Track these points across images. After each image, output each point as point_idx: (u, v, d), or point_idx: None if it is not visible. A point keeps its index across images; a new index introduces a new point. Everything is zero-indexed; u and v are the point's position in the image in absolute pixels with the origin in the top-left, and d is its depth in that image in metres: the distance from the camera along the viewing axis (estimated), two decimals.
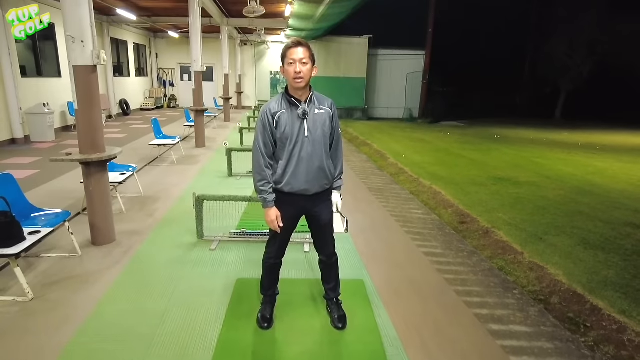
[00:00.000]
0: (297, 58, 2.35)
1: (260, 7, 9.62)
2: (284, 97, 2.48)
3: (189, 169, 7.49)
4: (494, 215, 6.16)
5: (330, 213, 2.72)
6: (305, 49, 2.39)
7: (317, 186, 2.54)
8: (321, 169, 2.51)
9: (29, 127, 9.95)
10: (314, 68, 2.46)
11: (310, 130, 2.44)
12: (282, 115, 2.43)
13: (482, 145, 12.70)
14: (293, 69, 2.36)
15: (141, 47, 19.10)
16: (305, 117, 2.43)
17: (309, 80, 2.43)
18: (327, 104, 2.55)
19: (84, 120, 3.74)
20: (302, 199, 2.55)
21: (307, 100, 2.46)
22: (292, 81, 2.40)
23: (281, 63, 2.47)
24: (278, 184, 2.53)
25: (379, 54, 20.83)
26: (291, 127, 2.42)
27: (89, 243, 4.09)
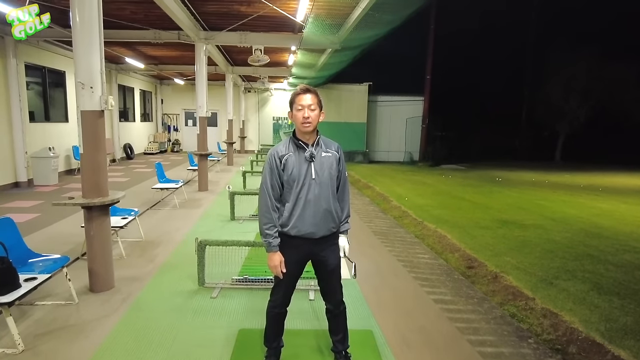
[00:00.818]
0: (306, 104, 2.41)
1: (264, 56, 9.92)
2: (292, 141, 2.52)
3: (191, 213, 7.42)
4: (501, 259, 6.01)
5: (338, 258, 2.65)
6: (314, 96, 2.45)
7: (324, 229, 2.51)
8: (328, 212, 2.49)
9: (33, 170, 9.99)
10: (322, 113, 2.50)
11: (317, 172, 2.45)
12: (290, 157, 2.45)
13: (484, 188, 12.67)
14: (301, 115, 2.41)
15: (147, 93, 19.59)
16: (312, 160, 2.45)
17: (316, 125, 2.48)
18: (334, 148, 2.58)
19: (89, 164, 3.73)
20: (308, 243, 2.50)
21: (314, 143, 2.50)
22: (300, 126, 2.44)
23: (289, 108, 2.52)
24: (284, 227, 2.49)
25: (378, 100, 21.34)
26: (298, 169, 2.44)
27: (87, 290, 3.96)
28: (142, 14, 8.08)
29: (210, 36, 9.33)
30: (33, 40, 9.68)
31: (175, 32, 9.25)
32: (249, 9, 7.60)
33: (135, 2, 7.25)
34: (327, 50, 10.43)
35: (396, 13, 6.66)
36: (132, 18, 8.32)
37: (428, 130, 20.76)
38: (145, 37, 9.32)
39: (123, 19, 8.26)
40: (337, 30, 8.34)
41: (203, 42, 9.35)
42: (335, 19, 7.43)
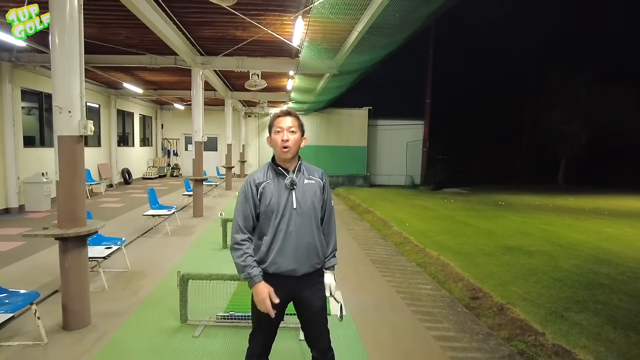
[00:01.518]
0: (285, 126, 2.22)
1: (261, 81, 9.85)
2: (270, 167, 2.29)
3: (183, 241, 7.15)
4: (507, 289, 5.71)
5: (323, 298, 2.35)
6: (294, 118, 2.26)
7: (307, 265, 2.23)
8: (311, 245, 2.23)
9: (25, 196, 9.80)
10: (303, 139, 2.30)
11: (299, 201, 2.20)
12: (268, 185, 2.22)
13: (486, 212, 12.38)
14: (280, 137, 2.20)
15: (147, 118, 19.59)
16: (293, 188, 2.21)
17: (297, 150, 2.26)
18: (318, 174, 2.34)
19: (65, 192, 3.51)
20: (289, 281, 2.22)
21: (295, 169, 2.27)
22: (279, 150, 2.22)
23: (268, 133, 2.30)
24: (261, 264, 2.22)
25: (378, 124, 21.35)
26: (277, 198, 2.19)
27: (60, 327, 3.66)
28: (138, 39, 8.03)
29: (206, 61, 9.28)
30: (30, 65, 9.65)
31: (172, 57, 9.20)
32: (244, 34, 7.54)
33: (130, 27, 7.19)
34: (325, 74, 10.37)
35: (393, 36, 6.57)
36: (127, 43, 8.27)
37: (429, 153, 20.65)
38: (142, 62, 9.27)
39: (119, 44, 8.21)
40: (334, 55, 8.26)
41: (200, 67, 9.29)
42: (331, 43, 7.35)
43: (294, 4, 5.87)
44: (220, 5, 5.54)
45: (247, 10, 6.03)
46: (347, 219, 10.80)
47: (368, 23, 5.41)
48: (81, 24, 3.54)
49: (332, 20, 5.40)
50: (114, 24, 7.15)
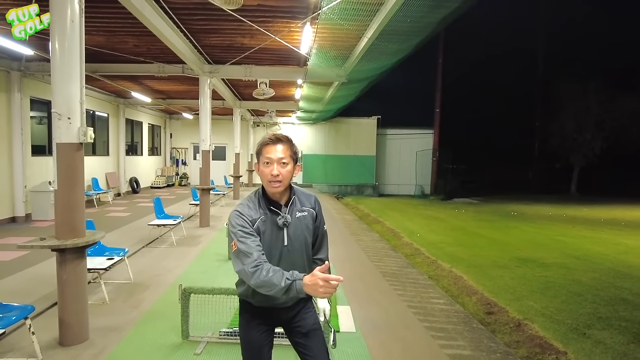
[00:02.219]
0: (275, 158, 1.92)
1: (269, 90, 9.76)
2: (262, 202, 1.99)
3: (188, 251, 7.00)
4: (524, 304, 5.48)
5: (315, 317, 2.12)
6: (286, 147, 1.96)
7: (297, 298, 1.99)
8: None
9: (31, 205, 9.76)
10: (297, 167, 2.02)
11: (290, 238, 1.98)
12: (261, 223, 1.94)
13: (499, 223, 12.12)
14: (269, 171, 1.91)
15: (156, 127, 19.64)
16: (286, 226, 1.97)
17: (288, 183, 1.99)
18: (309, 204, 2.09)
19: (63, 201, 3.39)
20: (277, 311, 2.03)
21: (288, 202, 2.01)
22: (267, 185, 1.95)
23: (256, 159, 2.02)
24: (247, 298, 2.01)
25: (387, 133, 21.20)
26: (270, 237, 1.96)
27: (56, 343, 3.51)
28: (145, 47, 7.99)
29: (214, 70, 9.21)
30: (39, 74, 9.66)
31: (180, 65, 9.16)
32: (252, 41, 7.45)
33: (137, 35, 7.14)
34: (333, 83, 10.26)
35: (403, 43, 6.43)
36: (135, 51, 8.23)
37: (439, 163, 20.43)
38: (150, 70, 9.23)
39: (126, 53, 8.18)
40: (343, 63, 8.14)
41: (207, 75, 9.23)
42: (340, 51, 7.23)
43: (302, 10, 5.76)
44: (227, 13, 5.46)
45: (254, 17, 5.94)
46: (356, 229, 10.59)
47: (378, 29, 5.28)
48: (82, 28, 3.44)
49: (341, 26, 5.28)
50: (122, 32, 7.11)
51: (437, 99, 20.52)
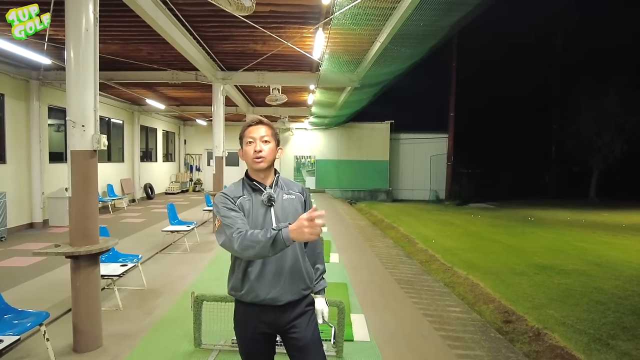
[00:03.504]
0: (258, 136, 1.97)
1: (282, 95, 9.78)
2: (245, 182, 2.02)
3: (201, 258, 7.01)
4: (543, 313, 5.33)
5: (315, 329, 2.02)
6: (267, 127, 2.01)
7: (291, 292, 1.93)
8: (295, 268, 1.94)
9: (49, 211, 9.91)
10: (279, 149, 2.06)
11: (278, 219, 1.94)
12: (244, 201, 1.94)
13: (516, 229, 11.88)
14: (252, 148, 1.96)
15: (170, 134, 19.86)
16: (271, 204, 1.94)
17: (271, 161, 2.01)
18: (297, 189, 2.09)
19: (77, 208, 3.40)
20: (271, 312, 1.92)
21: (272, 184, 2.01)
22: (251, 162, 1.97)
23: (239, 145, 2.05)
24: (237, 291, 1.94)
25: (401, 138, 21.05)
26: (254, 216, 1.92)
27: (70, 349, 3.52)
28: (159, 55, 8.08)
29: (227, 76, 9.27)
30: (56, 83, 9.84)
31: (193, 72, 9.24)
32: (264, 48, 7.47)
33: (151, 43, 7.23)
34: (346, 88, 10.24)
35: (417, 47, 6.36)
36: (149, 59, 8.33)
37: (454, 167, 20.17)
38: (163, 77, 9.34)
39: (141, 60, 8.28)
40: (356, 68, 8.11)
41: (220, 82, 9.29)
42: (352, 56, 7.19)
43: (314, 16, 5.75)
44: (239, 19, 5.48)
45: (266, 23, 5.95)
46: (370, 235, 10.49)
47: (391, 33, 5.24)
48: (96, 37, 3.47)
49: (353, 30, 5.25)
50: (136, 40, 7.20)
51: (451, 103, 20.32)
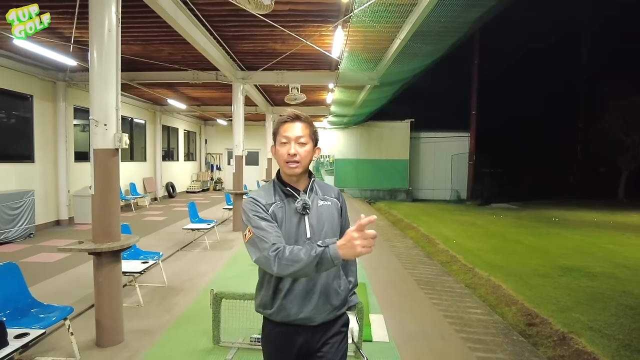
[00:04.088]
0: (293, 136, 1.74)
1: (301, 95, 9.79)
2: (277, 187, 1.82)
3: (221, 255, 7.07)
4: (568, 316, 5.16)
5: (343, 353, 1.84)
6: (305, 125, 1.78)
7: (325, 312, 1.75)
8: (329, 287, 1.76)
9: (74, 208, 10.17)
10: (316, 149, 1.84)
11: (313, 229, 1.75)
12: (276, 209, 1.75)
13: (540, 229, 11.58)
14: (286, 150, 1.74)
15: (191, 133, 20.16)
16: (306, 212, 1.75)
17: (307, 165, 1.81)
18: (334, 194, 1.90)
19: (100, 206, 3.47)
20: (302, 332, 1.75)
21: (307, 189, 1.81)
22: (284, 166, 1.77)
23: (273, 141, 1.85)
24: (266, 308, 1.77)
25: (421, 137, 20.78)
26: (287, 225, 1.74)
27: (93, 343, 3.59)
28: (180, 55, 8.18)
29: (247, 76, 9.32)
30: (82, 84, 10.08)
31: (213, 72, 9.33)
32: (283, 47, 7.48)
33: (172, 43, 7.32)
34: (365, 86, 10.17)
35: (437, 43, 6.26)
36: (170, 59, 8.45)
37: (475, 167, 19.80)
38: (184, 77, 9.46)
39: (162, 61, 8.40)
40: (375, 66, 8.04)
41: (240, 82, 9.35)
42: (372, 53, 7.13)
43: (333, 14, 5.72)
44: (259, 19, 5.49)
45: (285, 22, 5.95)
46: (389, 235, 10.40)
47: (411, 30, 5.16)
48: (118, 38, 3.53)
49: (373, 28, 5.19)
50: (157, 41, 7.30)
51: (472, 101, 19.95)
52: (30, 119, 8.99)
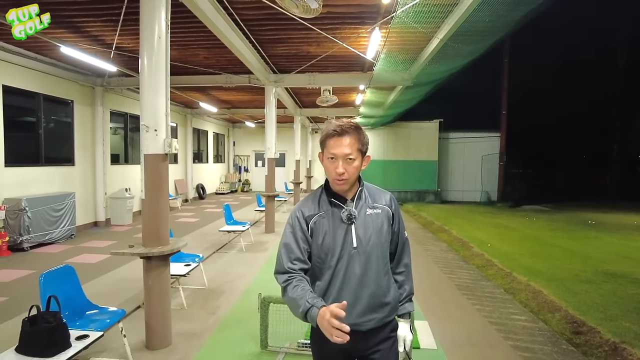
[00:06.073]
0: (341, 154, 1.69)
1: (333, 97, 9.77)
2: (323, 196, 1.81)
3: (256, 258, 7.12)
4: (618, 325, 4.94)
5: (395, 357, 1.84)
6: (353, 139, 1.70)
7: (374, 320, 1.74)
8: (376, 297, 1.74)
9: (110, 210, 10.45)
10: (366, 158, 1.79)
11: (360, 239, 1.72)
12: (320, 220, 1.75)
13: (576, 233, 11.19)
14: (334, 168, 1.71)
15: (220, 136, 20.45)
16: (352, 222, 1.72)
17: (356, 179, 1.79)
18: (384, 200, 1.84)
19: (151, 210, 3.52)
20: (353, 336, 1.68)
21: (354, 197, 1.78)
22: (332, 182, 1.77)
23: (320, 149, 1.81)
24: None
25: (450, 137, 20.41)
26: (333, 235, 1.73)
27: (143, 346, 3.66)
28: (214, 59, 8.29)
29: (279, 79, 9.37)
30: (118, 88, 10.36)
31: (246, 76, 9.42)
32: (318, 49, 7.48)
33: (208, 47, 7.43)
34: (396, 87, 10.07)
35: (478, 43, 6.13)
36: (205, 63, 8.58)
37: (506, 168, 19.33)
38: (218, 81, 9.58)
39: (197, 65, 8.54)
40: (410, 66, 7.94)
41: (273, 85, 9.41)
42: (408, 54, 7.04)
43: (371, 15, 5.68)
44: (296, 22, 5.50)
45: (323, 24, 5.94)
46: (421, 238, 10.26)
47: (452, 29, 5.06)
48: (168, 44, 3.59)
49: (414, 29, 5.12)
50: (194, 46, 7.42)
51: (503, 101, 19.49)
52: (71, 123, 9.29)
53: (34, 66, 8.00)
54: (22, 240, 7.26)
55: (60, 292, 3.04)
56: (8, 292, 5.25)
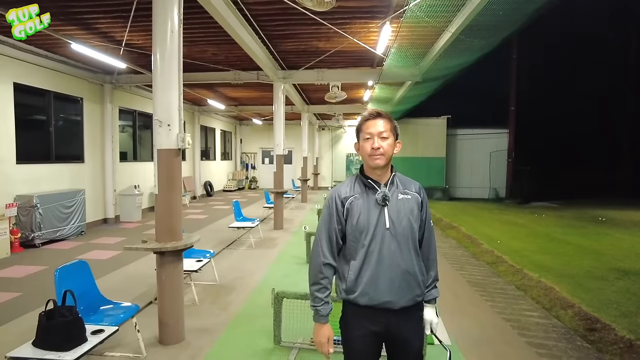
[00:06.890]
0: (376, 132, 1.89)
1: (342, 93, 9.72)
2: (359, 180, 1.97)
3: (266, 254, 7.12)
4: (634, 322, 4.89)
5: (422, 339, 1.98)
6: (386, 121, 1.92)
7: (406, 297, 1.86)
8: (409, 274, 1.86)
9: (119, 207, 10.49)
10: (397, 143, 1.97)
11: (392, 220, 1.86)
12: (355, 200, 1.90)
13: (587, 229, 11.07)
14: (370, 145, 1.89)
15: (227, 133, 20.47)
16: (385, 204, 1.86)
17: (390, 158, 1.92)
18: (414, 188, 1.99)
19: (164, 205, 3.52)
20: (385, 315, 1.86)
21: (387, 182, 1.93)
22: (368, 159, 1.91)
23: (356, 139, 2.01)
24: (350, 293, 1.88)
25: (458, 134, 20.28)
26: (367, 215, 1.86)
27: (156, 341, 3.66)
28: (223, 56, 8.28)
29: (288, 75, 9.34)
30: (126, 86, 10.38)
31: (255, 72, 9.40)
32: (327, 45, 7.44)
33: (217, 43, 7.41)
34: (405, 83, 10.00)
35: (490, 37, 6.05)
36: (213, 60, 8.56)
37: (514, 164, 19.18)
38: (226, 78, 9.57)
39: (205, 61, 8.53)
40: (420, 61, 7.88)
41: (281, 81, 9.37)
42: (419, 49, 6.98)
43: (382, 10, 5.63)
44: (307, 16, 5.47)
45: (333, 19, 5.90)
46: None
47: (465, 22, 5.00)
48: (180, 38, 3.58)
49: (426, 23, 5.06)
50: (202, 42, 7.41)
51: (511, 97, 19.33)
52: (81, 121, 9.33)
53: (45, 64, 8.04)
54: (33, 236, 7.31)
55: (74, 287, 3.04)
56: (22, 287, 5.29)
